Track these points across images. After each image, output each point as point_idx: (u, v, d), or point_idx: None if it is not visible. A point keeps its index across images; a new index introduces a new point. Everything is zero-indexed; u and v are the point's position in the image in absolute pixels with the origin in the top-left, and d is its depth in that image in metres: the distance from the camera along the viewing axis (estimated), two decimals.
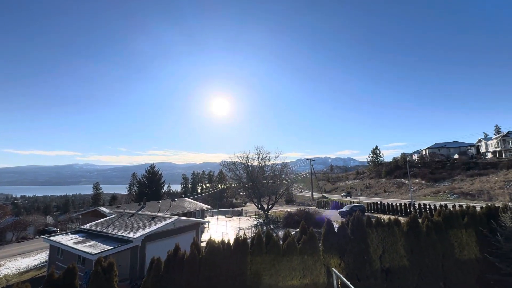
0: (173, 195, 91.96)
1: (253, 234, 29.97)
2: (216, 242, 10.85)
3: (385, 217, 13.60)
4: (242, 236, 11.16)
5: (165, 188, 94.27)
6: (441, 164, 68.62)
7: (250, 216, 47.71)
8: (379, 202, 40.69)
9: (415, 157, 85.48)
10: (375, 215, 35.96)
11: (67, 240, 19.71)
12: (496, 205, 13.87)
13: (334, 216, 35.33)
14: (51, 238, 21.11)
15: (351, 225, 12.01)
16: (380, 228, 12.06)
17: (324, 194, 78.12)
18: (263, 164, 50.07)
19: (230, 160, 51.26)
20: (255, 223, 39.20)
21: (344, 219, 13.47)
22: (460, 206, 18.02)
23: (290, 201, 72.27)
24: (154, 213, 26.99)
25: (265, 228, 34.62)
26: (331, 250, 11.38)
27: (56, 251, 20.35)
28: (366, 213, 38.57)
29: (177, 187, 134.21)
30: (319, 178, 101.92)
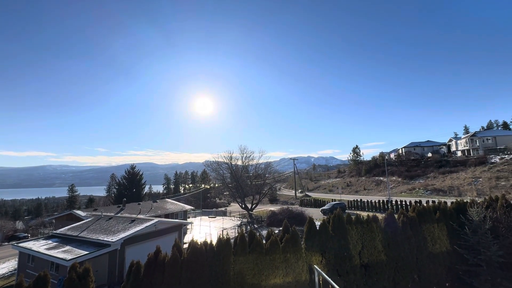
0: (154, 196, 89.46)
1: (236, 234, 29.92)
2: (199, 243, 10.71)
3: (364, 214, 14.10)
4: (225, 236, 11.10)
5: (146, 189, 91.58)
6: (416, 162, 72.18)
7: (234, 216, 47.55)
8: (359, 200, 42.12)
9: (392, 155, 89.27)
10: (355, 212, 37.18)
11: (38, 246, 18.56)
12: (465, 200, 14.84)
13: (316, 214, 36.09)
14: (21, 244, 19.78)
15: (332, 223, 12.33)
16: (359, 225, 12.48)
17: (307, 193, 79.56)
18: (246, 164, 50.07)
19: (214, 160, 50.82)
20: (239, 223, 39.13)
21: (325, 217, 13.80)
22: (433, 202, 19.07)
23: (273, 200, 72.87)
24: (134, 215, 26.14)
25: (248, 227, 34.64)
26: (313, 247, 11.61)
27: (27, 258, 19.10)
28: (347, 211, 39.75)
29: (159, 188, 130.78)
30: (302, 177, 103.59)
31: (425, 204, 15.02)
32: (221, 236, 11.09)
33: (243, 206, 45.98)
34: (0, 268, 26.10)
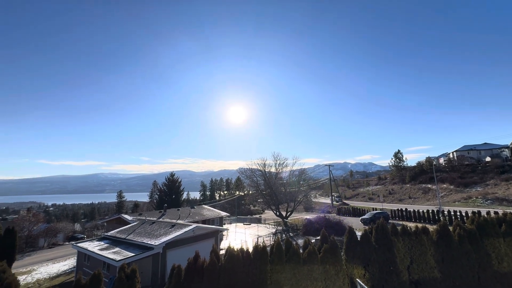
0: (192, 203, 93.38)
1: (272, 242, 29.52)
2: (235, 250, 10.79)
3: (411, 224, 12.87)
4: (261, 244, 11.02)
5: (185, 196, 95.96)
6: (471, 168, 64.31)
7: (268, 224, 47.20)
8: (404, 209, 38.70)
9: (441, 160, 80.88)
10: (400, 222, 34.17)
11: (93, 246, 20.52)
12: None
13: (356, 224, 34.03)
14: (79, 244, 22.09)
15: (375, 233, 11.48)
16: (406, 237, 11.42)
17: (345, 201, 75.76)
18: (280, 171, 49.67)
19: (247, 167, 51.39)
20: (273, 230, 38.67)
21: (367, 227, 12.91)
22: (496, 213, 16.63)
23: (309, 208, 70.73)
24: (174, 221, 27.48)
25: (284, 236, 34.01)
26: (354, 259, 10.91)
27: (83, 257, 21.23)
28: (390, 221, 36.80)
29: (196, 195, 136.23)
30: (338, 184, 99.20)
31: (485, 215, 13.19)
32: (257, 244, 11.04)
33: (278, 213, 45.44)
34: (62, 265, 29.38)
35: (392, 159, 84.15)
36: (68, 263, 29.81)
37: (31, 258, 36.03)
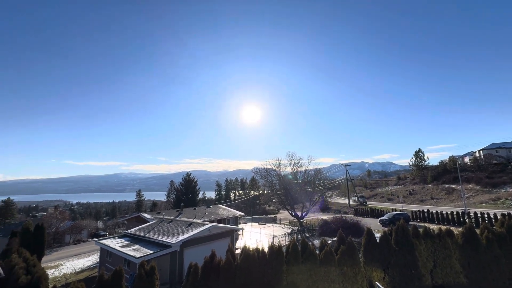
0: (207, 202, 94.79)
1: (287, 242, 29.32)
2: (251, 249, 10.82)
3: (434, 226, 12.32)
4: (277, 244, 10.97)
5: (200, 195, 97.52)
6: (500, 167, 60.50)
7: (284, 224, 46.96)
8: (425, 210, 37.09)
9: (466, 160, 76.76)
10: (422, 224, 32.79)
11: (114, 243, 21.36)
12: None
13: (374, 225, 33.07)
14: (101, 241, 23.08)
15: (395, 235, 11.09)
16: (429, 239, 10.94)
17: (362, 200, 73.87)
18: (295, 171, 49.24)
19: (262, 167, 51.38)
20: (289, 230, 38.40)
21: (386, 228, 12.50)
22: None
23: (325, 208, 69.66)
24: (190, 220, 28.02)
25: (299, 236, 33.69)
26: (373, 262, 10.59)
27: (106, 253, 22.16)
28: (411, 222, 35.44)
29: (211, 194, 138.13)
30: (355, 184, 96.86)
31: None
32: (273, 244, 11.01)
33: (293, 213, 45.09)
34: (87, 261, 30.84)
35: (412, 158, 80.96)
36: (91, 259, 31.24)
37: (58, 253, 38.13)
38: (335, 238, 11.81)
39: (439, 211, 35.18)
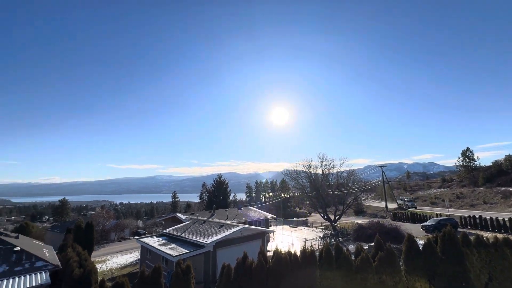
0: (238, 204, 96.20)
1: (320, 246, 28.48)
2: (283, 252, 10.72)
3: (488, 234, 11.05)
4: (309, 248, 10.72)
5: (231, 197, 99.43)
6: None
7: (315, 227, 45.74)
8: (477, 216, 33.30)
9: None
10: (473, 231, 29.52)
11: (153, 242, 22.72)
12: None
13: (416, 231, 30.62)
14: (142, 239, 24.71)
15: (442, 243, 10.14)
16: (483, 249, 9.80)
17: (394, 205, 68.95)
18: (327, 172, 47.71)
19: (292, 168, 50.71)
20: (321, 234, 37.27)
21: (429, 235, 11.49)
22: None
23: (359, 211, 66.38)
24: (222, 221, 28.68)
25: (333, 240, 32.51)
26: (416, 271, 9.80)
27: (146, 251, 23.67)
28: (459, 229, 32.16)
29: (241, 196, 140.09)
30: (393, 187, 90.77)
31: None
32: (305, 248, 10.78)
33: (325, 217, 43.72)
34: (129, 257, 33.23)
35: (459, 158, 73.56)
36: (133, 256, 33.58)
37: (105, 249, 41.67)
38: (372, 244, 11.16)
39: (494, 217, 31.35)
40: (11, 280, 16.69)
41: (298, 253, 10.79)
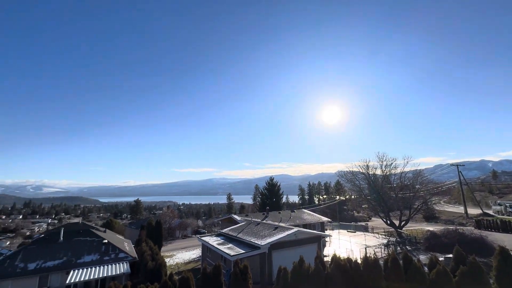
0: (291, 206, 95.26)
1: (384, 255, 25.96)
2: (342, 259, 10.13)
3: None
4: (372, 256, 9.87)
5: (284, 199, 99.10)
6: None
7: (377, 233, 41.98)
8: None
9: None
10: None
11: (212, 241, 24.19)
12: None
13: (508, 242, 25.31)
14: (202, 238, 26.57)
15: None
16: None
17: (486, 211, 57.90)
18: (387, 173, 43.39)
19: (347, 169, 47.74)
20: (385, 241, 33.96)
21: None
22: None
23: (430, 217, 58.27)
24: (276, 223, 28.76)
25: (399, 248, 29.34)
26: None
27: (206, 249, 25.35)
28: None
29: (294, 198, 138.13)
30: (474, 189, 77.12)
31: None
32: (367, 255, 9.97)
33: (389, 222, 39.78)
34: (192, 254, 36.08)
35: None
36: (195, 252, 36.34)
37: (171, 245, 46.19)
38: (450, 255, 9.64)
39: None
40: (101, 267, 19.88)
41: (359, 261, 10.05)
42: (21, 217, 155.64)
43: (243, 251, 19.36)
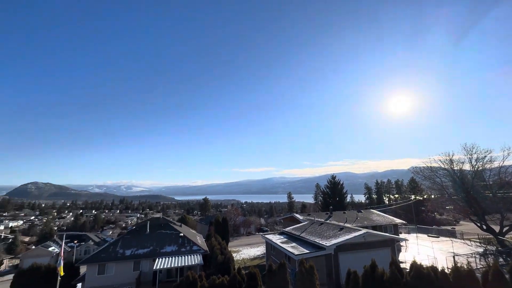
0: (357, 206, 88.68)
1: (480, 266, 21.68)
2: (424, 267, 8.87)
3: None
4: (465, 266, 8.32)
5: (348, 199, 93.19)
6: None
7: (469, 239, 35.38)
8: None
9: None
10: None
11: (276, 239, 24.49)
12: None
13: None
14: (266, 235, 27.21)
15: None
16: None
17: None
18: (479, 168, 35.90)
19: (423, 165, 41.51)
20: (480, 250, 28.30)
21: None
22: None
23: None
24: (341, 224, 27.23)
25: (501, 260, 24.09)
26: None
27: (270, 246, 25.83)
28: None
29: (359, 198, 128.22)
30: None
31: None
32: (458, 265, 8.46)
33: (485, 227, 32.98)
34: (256, 250, 37.32)
35: None
36: (259, 249, 37.45)
37: (237, 241, 48.76)
38: None
39: None
40: (179, 257, 22.40)
41: (446, 271, 8.61)
42: (118, 211, 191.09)
43: (307, 251, 18.96)
